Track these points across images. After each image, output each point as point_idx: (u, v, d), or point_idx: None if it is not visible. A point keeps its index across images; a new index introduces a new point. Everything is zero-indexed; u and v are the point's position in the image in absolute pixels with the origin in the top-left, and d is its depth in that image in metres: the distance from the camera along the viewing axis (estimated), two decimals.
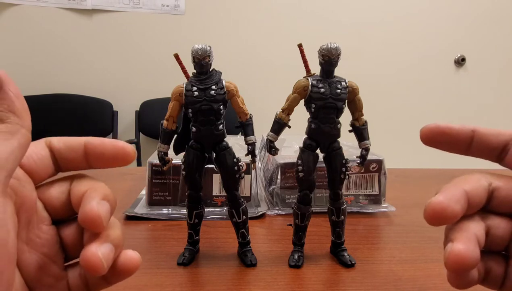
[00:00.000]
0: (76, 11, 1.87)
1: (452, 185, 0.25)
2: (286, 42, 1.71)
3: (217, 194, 0.60)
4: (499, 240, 0.25)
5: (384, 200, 0.63)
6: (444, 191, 0.24)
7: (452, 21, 2.08)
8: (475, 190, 0.25)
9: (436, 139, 0.26)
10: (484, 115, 2.17)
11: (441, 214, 0.23)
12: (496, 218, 0.25)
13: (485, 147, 0.26)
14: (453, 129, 0.26)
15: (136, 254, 0.26)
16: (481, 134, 0.26)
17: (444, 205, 0.23)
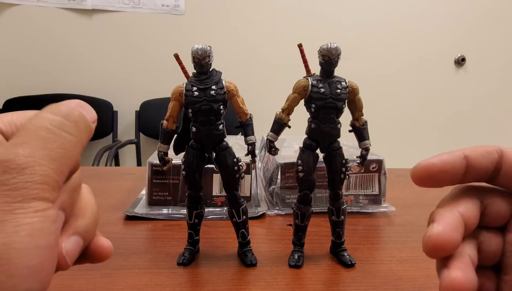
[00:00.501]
0: (76, 11, 1.87)
1: (445, 207, 0.24)
2: (286, 42, 1.71)
3: (217, 194, 0.60)
4: (491, 255, 0.24)
5: (384, 200, 0.63)
6: (441, 219, 0.23)
7: (452, 21, 2.08)
8: (469, 211, 0.23)
9: (432, 178, 0.24)
10: (484, 115, 2.17)
11: (443, 247, 0.22)
12: (487, 233, 0.24)
13: (478, 172, 0.24)
14: (447, 163, 0.24)
15: (107, 243, 0.26)
16: (472, 159, 0.24)
17: (446, 236, 0.22)
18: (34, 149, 0.20)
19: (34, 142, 0.20)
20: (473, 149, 0.24)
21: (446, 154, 0.24)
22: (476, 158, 0.24)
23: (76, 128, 0.21)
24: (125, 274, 0.42)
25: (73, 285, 0.39)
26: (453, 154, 0.24)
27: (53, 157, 0.20)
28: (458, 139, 2.16)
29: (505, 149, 0.24)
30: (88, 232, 0.25)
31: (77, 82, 1.90)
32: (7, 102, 1.82)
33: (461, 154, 0.24)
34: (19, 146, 0.20)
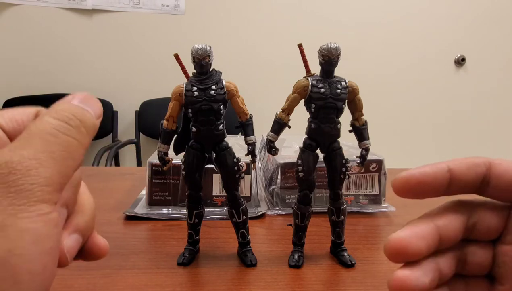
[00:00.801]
0: (76, 11, 1.87)
1: (423, 218, 0.23)
2: (286, 42, 1.71)
3: (217, 194, 0.60)
4: (479, 266, 0.24)
5: (384, 200, 0.63)
6: (409, 226, 0.22)
7: (452, 21, 2.08)
8: (449, 224, 0.23)
9: (412, 190, 0.23)
10: (484, 115, 2.17)
11: (400, 252, 0.21)
12: (473, 246, 0.24)
13: (464, 185, 0.23)
14: (428, 175, 0.23)
15: (103, 242, 0.26)
16: (456, 172, 0.23)
17: (405, 242, 0.21)
18: (38, 151, 0.20)
19: (38, 145, 0.20)
20: (459, 161, 0.24)
21: (428, 166, 0.23)
22: (461, 170, 0.23)
23: (78, 132, 0.22)
24: (125, 274, 0.42)
25: (73, 285, 0.39)
26: (436, 166, 0.23)
27: (57, 159, 0.20)
28: (458, 139, 2.16)
29: (494, 161, 0.23)
30: (87, 229, 0.25)
31: (77, 82, 1.90)
32: (7, 102, 1.82)
33: (444, 166, 0.23)
34: (23, 148, 0.20)
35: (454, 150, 2.13)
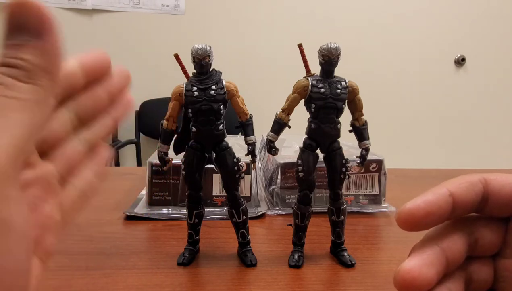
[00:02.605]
0: (76, 11, 1.87)
1: (427, 242, 0.22)
2: (286, 42, 1.71)
3: (217, 194, 0.60)
4: (483, 283, 0.23)
5: (384, 200, 0.63)
6: (416, 254, 0.22)
7: (452, 21, 2.08)
8: (454, 245, 0.22)
9: (419, 223, 0.22)
10: (484, 115, 2.17)
11: (411, 284, 0.20)
12: (476, 263, 0.23)
13: (465, 207, 0.23)
14: (433, 205, 0.22)
15: None
16: (458, 196, 0.22)
17: (416, 273, 0.21)
18: None
19: None
20: (457, 183, 0.22)
21: (430, 194, 0.22)
22: (461, 193, 0.22)
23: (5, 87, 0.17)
24: (125, 274, 0.42)
25: (73, 285, 0.39)
26: (438, 193, 0.22)
27: None
28: (458, 139, 2.16)
29: (488, 176, 0.23)
30: None
31: None
32: None
33: (446, 191, 0.22)
34: None
35: (454, 150, 2.13)
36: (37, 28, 0.17)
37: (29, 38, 0.17)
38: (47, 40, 0.18)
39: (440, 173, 0.92)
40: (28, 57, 0.17)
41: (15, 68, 0.17)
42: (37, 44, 0.17)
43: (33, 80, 0.17)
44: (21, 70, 0.17)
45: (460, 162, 1.99)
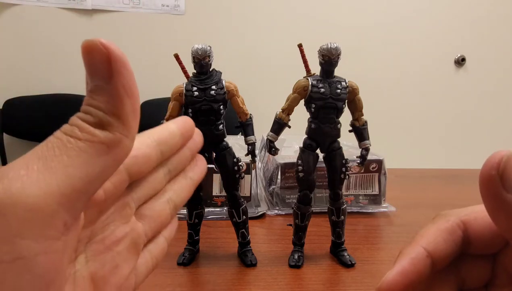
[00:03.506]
0: (76, 11, 1.87)
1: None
2: (286, 42, 1.71)
3: (217, 194, 0.60)
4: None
5: (384, 200, 0.63)
6: None
7: (452, 21, 2.08)
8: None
9: None
10: (484, 115, 2.17)
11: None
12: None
13: (446, 260, 0.21)
14: (411, 274, 0.20)
15: None
16: (436, 253, 0.21)
17: None
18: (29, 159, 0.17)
19: (30, 154, 0.17)
20: (432, 237, 0.21)
21: (407, 261, 0.20)
22: (440, 249, 0.21)
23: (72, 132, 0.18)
24: None
25: None
26: (415, 258, 0.20)
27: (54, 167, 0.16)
28: (457, 139, 2.16)
29: (467, 219, 0.22)
30: None
31: (77, 82, 1.90)
32: (7, 102, 1.82)
33: (422, 252, 0.20)
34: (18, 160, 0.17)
35: (454, 150, 2.13)
36: (105, 71, 0.18)
37: (99, 83, 0.18)
38: (115, 83, 0.18)
39: (440, 173, 0.92)
40: (98, 103, 0.18)
41: (89, 114, 0.18)
42: (106, 89, 0.18)
43: (104, 125, 0.17)
44: (93, 116, 0.18)
45: (460, 161, 1.99)
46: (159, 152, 0.23)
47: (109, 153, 0.17)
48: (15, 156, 1.18)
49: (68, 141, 0.17)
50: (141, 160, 0.22)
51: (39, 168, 0.16)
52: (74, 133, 0.17)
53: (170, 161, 0.25)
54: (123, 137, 0.18)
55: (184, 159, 0.27)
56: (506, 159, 0.18)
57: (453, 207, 0.23)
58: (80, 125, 0.17)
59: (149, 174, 0.24)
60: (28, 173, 0.15)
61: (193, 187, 0.28)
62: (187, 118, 0.26)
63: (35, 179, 0.15)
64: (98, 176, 0.17)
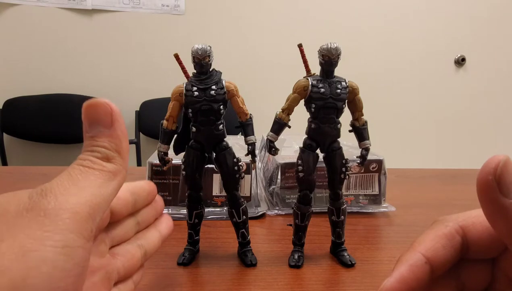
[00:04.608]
0: (76, 11, 1.87)
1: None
2: (286, 42, 1.71)
3: (217, 194, 0.60)
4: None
5: (384, 200, 0.63)
6: None
7: (452, 21, 2.08)
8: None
9: None
10: (484, 115, 2.17)
11: None
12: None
13: (446, 266, 0.21)
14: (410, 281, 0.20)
15: None
16: (435, 260, 0.21)
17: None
18: (64, 180, 0.22)
19: (64, 176, 0.22)
20: (431, 243, 0.21)
21: (405, 268, 0.20)
22: (438, 255, 0.21)
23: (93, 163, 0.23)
24: None
25: None
26: (413, 265, 0.20)
27: (82, 187, 0.22)
28: (457, 139, 2.16)
29: (465, 224, 0.21)
30: None
31: (77, 82, 1.90)
32: (7, 102, 1.82)
33: (421, 259, 0.20)
34: (54, 180, 0.22)
35: (454, 150, 2.14)
36: (108, 121, 0.24)
37: (103, 129, 0.24)
38: (115, 128, 0.24)
39: (440, 173, 0.92)
40: (105, 143, 0.24)
41: (97, 152, 0.24)
42: (109, 133, 0.24)
43: (109, 159, 0.24)
44: (100, 153, 0.24)
45: (460, 161, 1.99)
46: (134, 200, 0.29)
47: (114, 179, 0.23)
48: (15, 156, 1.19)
49: (86, 171, 0.23)
50: (122, 202, 0.28)
51: (71, 187, 0.21)
52: (89, 165, 0.23)
53: (139, 213, 0.31)
54: (123, 168, 0.24)
55: (151, 214, 0.33)
56: (502, 164, 0.18)
57: (453, 207, 0.23)
58: (92, 160, 0.23)
59: (123, 219, 0.29)
60: (66, 190, 0.21)
61: (162, 240, 0.34)
62: (151, 182, 0.33)
63: (72, 194, 0.21)
64: (109, 197, 0.23)
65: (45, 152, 1.88)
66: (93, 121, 0.24)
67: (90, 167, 0.23)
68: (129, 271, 0.29)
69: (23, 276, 0.18)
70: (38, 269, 0.18)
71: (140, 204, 0.31)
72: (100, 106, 0.24)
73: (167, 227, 0.35)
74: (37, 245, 0.19)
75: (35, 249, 0.18)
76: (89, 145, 0.24)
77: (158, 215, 0.34)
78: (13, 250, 0.18)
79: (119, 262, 0.28)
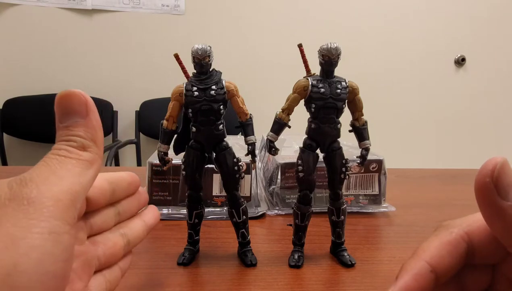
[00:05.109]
0: (76, 11, 1.87)
1: None
2: (286, 42, 1.71)
3: (217, 194, 0.60)
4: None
5: (384, 200, 0.63)
6: None
7: (452, 21, 2.08)
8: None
9: None
10: (484, 115, 2.17)
11: None
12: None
13: (451, 273, 0.21)
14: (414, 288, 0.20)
15: None
16: (440, 268, 0.20)
17: None
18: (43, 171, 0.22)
19: (42, 166, 0.22)
20: (436, 250, 0.20)
21: (409, 276, 0.20)
22: (444, 263, 0.20)
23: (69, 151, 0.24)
24: (125, 274, 0.42)
25: None
26: (418, 273, 0.20)
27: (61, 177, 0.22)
28: (457, 139, 2.16)
29: (468, 229, 0.21)
30: None
31: (77, 82, 1.90)
32: (7, 102, 1.82)
33: (426, 268, 0.20)
34: (34, 170, 0.22)
35: (454, 150, 2.14)
36: (82, 111, 0.24)
37: (78, 119, 0.24)
38: (90, 118, 0.24)
39: (440, 173, 0.92)
40: (80, 133, 0.24)
41: (72, 141, 0.24)
42: (84, 122, 0.24)
43: (85, 148, 0.24)
44: (76, 142, 0.24)
45: (460, 161, 1.99)
46: (111, 189, 0.29)
47: (91, 168, 0.24)
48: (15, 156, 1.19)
49: (63, 160, 0.23)
50: (98, 190, 0.28)
51: (50, 176, 0.22)
52: (65, 154, 0.23)
53: (120, 204, 0.31)
54: (98, 157, 0.25)
55: (132, 205, 0.33)
56: (499, 166, 0.18)
57: (453, 207, 0.23)
58: (68, 149, 0.24)
59: (102, 208, 0.29)
60: (46, 179, 0.21)
61: (147, 230, 0.34)
62: (133, 173, 0.32)
63: (53, 183, 0.21)
64: (87, 184, 0.24)
65: (45, 151, 1.86)
66: (68, 112, 0.24)
67: (67, 156, 0.23)
68: (110, 258, 0.29)
69: (14, 263, 0.18)
70: (28, 255, 0.19)
71: (120, 194, 0.30)
72: (74, 97, 0.24)
73: (153, 217, 0.35)
74: (24, 232, 0.19)
75: (23, 237, 0.19)
76: (64, 135, 0.24)
77: (141, 207, 0.34)
78: (1, 238, 0.19)
79: (100, 249, 0.28)
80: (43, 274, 0.19)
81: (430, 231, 0.22)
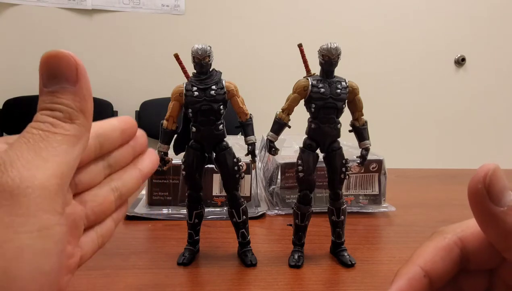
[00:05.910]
0: (76, 11, 1.87)
1: None
2: (286, 42, 1.71)
3: (217, 194, 0.60)
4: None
5: (384, 200, 0.63)
6: None
7: (452, 21, 2.08)
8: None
9: None
10: (484, 115, 2.17)
11: None
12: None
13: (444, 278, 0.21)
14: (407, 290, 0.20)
15: None
16: (434, 272, 0.20)
17: None
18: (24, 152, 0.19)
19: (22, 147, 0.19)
20: (430, 256, 0.20)
21: (403, 281, 0.20)
22: (437, 268, 0.20)
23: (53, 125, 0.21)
24: (125, 274, 0.42)
25: (73, 285, 0.39)
26: (411, 278, 0.20)
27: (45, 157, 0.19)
28: (457, 139, 2.16)
29: (462, 234, 0.21)
30: None
31: None
32: (7, 102, 1.82)
33: (419, 273, 0.20)
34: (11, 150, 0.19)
35: (454, 150, 2.13)
36: (72, 76, 0.21)
37: (66, 85, 0.21)
38: (80, 85, 0.21)
39: (440, 173, 0.92)
40: (67, 101, 0.21)
41: (57, 111, 0.21)
42: (73, 90, 0.21)
43: (73, 120, 0.21)
44: (62, 112, 0.21)
45: (460, 161, 1.99)
46: (98, 144, 0.25)
47: (78, 143, 0.21)
48: None
49: (47, 137, 0.20)
50: None
51: (34, 159, 0.19)
52: (49, 128, 0.20)
53: (111, 155, 0.27)
54: (86, 130, 0.22)
55: (126, 155, 0.28)
56: (491, 173, 0.18)
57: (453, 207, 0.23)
58: (52, 122, 0.20)
59: (87, 164, 0.25)
60: (29, 162, 0.19)
61: (142, 178, 0.30)
62: (129, 117, 0.28)
63: (37, 167, 0.19)
64: (74, 162, 0.21)
65: None
66: (55, 75, 0.21)
67: (51, 131, 0.20)
68: (100, 215, 0.26)
69: (4, 269, 0.17)
70: (18, 259, 0.17)
71: (110, 145, 0.27)
72: (63, 58, 0.21)
73: (150, 162, 0.31)
74: (10, 234, 0.17)
75: (8, 239, 0.17)
76: (48, 101, 0.21)
77: (138, 154, 0.30)
78: None
79: (88, 208, 0.26)
80: (38, 274, 0.18)
81: (430, 231, 0.22)
